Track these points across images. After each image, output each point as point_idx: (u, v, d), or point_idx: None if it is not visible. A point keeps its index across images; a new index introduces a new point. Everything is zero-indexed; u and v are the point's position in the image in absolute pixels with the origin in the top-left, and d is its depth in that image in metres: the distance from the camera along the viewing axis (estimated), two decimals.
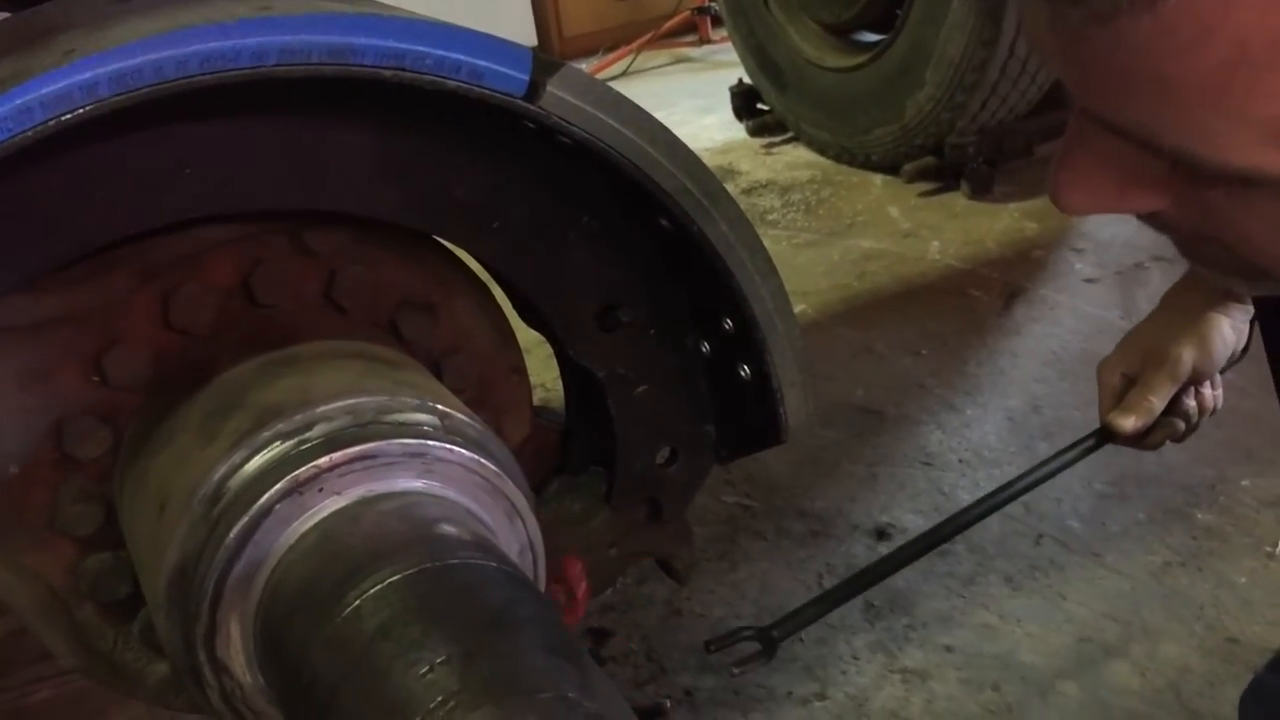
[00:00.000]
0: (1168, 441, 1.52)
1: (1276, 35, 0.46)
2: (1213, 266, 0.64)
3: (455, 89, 0.80)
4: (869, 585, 1.51)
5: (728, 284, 0.94)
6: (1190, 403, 1.49)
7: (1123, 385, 1.48)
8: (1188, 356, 1.43)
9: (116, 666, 0.93)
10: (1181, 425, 1.50)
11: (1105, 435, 1.49)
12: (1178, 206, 0.59)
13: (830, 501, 2.23)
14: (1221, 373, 1.51)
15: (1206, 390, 1.51)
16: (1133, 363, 1.48)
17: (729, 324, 0.98)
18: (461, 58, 0.79)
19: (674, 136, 0.89)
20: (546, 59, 0.83)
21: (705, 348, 1.03)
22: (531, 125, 0.86)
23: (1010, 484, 1.54)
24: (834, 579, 2.03)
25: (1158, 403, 1.45)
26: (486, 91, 0.81)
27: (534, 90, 0.82)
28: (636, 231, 0.97)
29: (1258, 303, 1.28)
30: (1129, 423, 1.45)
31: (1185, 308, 1.45)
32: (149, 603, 0.82)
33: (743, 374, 1.00)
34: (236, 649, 0.76)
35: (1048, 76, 3.35)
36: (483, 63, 0.80)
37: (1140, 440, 1.49)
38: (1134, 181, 0.58)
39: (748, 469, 2.31)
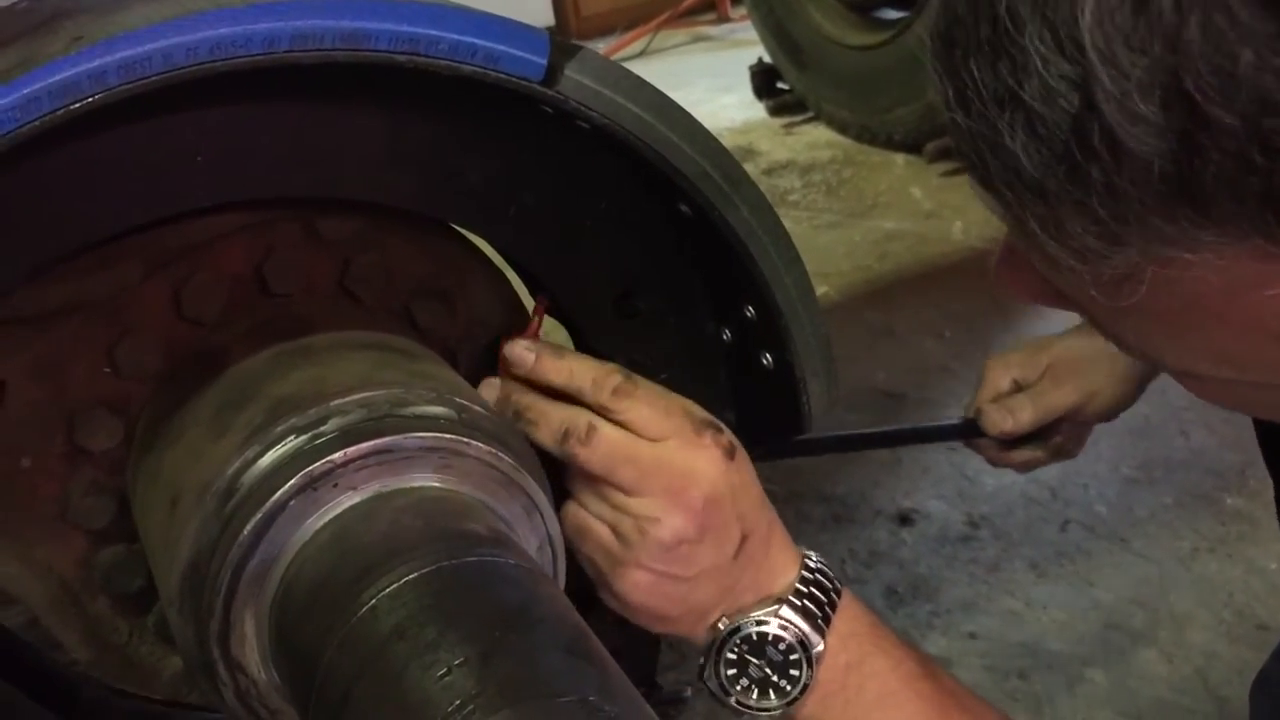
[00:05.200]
0: (1013, 469, 1.41)
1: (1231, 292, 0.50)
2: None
3: (470, 74, 0.78)
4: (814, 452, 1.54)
5: (749, 271, 0.92)
6: (1060, 439, 1.36)
7: (1009, 390, 1.35)
8: (1093, 388, 1.32)
9: (131, 661, 0.92)
10: (1044, 458, 1.37)
11: (972, 428, 1.36)
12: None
13: (852, 486, 2.21)
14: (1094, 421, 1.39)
15: (1078, 436, 1.38)
16: (1030, 371, 1.35)
17: (750, 311, 0.96)
18: (477, 42, 0.77)
19: (694, 120, 0.87)
20: (564, 42, 0.81)
21: (726, 335, 1.01)
22: (549, 110, 0.84)
23: (873, 432, 1.61)
24: (857, 565, 2.01)
25: (1039, 418, 1.32)
26: (503, 76, 0.79)
27: (551, 74, 0.80)
28: (655, 217, 0.95)
29: None
30: (1006, 423, 1.31)
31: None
32: (163, 598, 0.81)
33: (764, 362, 0.98)
34: (251, 646, 0.75)
35: None
36: (499, 47, 0.78)
37: (1001, 449, 1.36)
38: (1065, 300, 0.62)
39: None
